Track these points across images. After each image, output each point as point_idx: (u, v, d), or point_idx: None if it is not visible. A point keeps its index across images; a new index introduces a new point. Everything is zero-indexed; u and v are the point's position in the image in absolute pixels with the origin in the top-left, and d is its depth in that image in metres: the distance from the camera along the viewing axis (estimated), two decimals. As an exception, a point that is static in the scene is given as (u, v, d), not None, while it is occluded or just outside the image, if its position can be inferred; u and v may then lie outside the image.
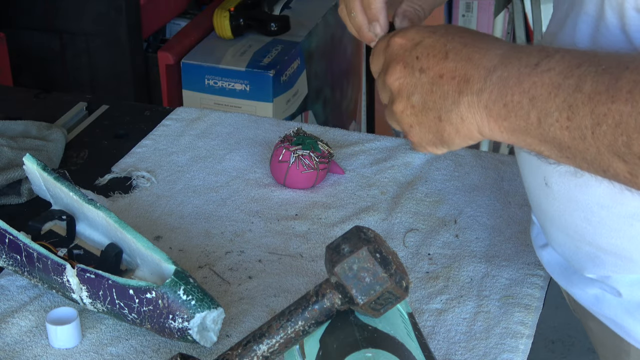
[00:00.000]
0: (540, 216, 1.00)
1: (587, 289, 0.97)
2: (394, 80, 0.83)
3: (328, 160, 1.27)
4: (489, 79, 0.78)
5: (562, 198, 0.91)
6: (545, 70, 0.75)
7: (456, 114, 0.80)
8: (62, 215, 1.09)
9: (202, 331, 0.97)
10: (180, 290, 0.96)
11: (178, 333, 0.97)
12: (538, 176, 0.94)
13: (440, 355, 0.99)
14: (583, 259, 0.95)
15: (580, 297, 0.99)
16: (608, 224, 0.89)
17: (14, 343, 1.01)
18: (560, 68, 0.74)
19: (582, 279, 0.97)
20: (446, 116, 0.81)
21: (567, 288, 1.01)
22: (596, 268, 0.94)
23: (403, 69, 0.82)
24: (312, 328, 0.82)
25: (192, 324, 0.96)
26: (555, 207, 0.93)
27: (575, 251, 0.95)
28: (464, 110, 0.79)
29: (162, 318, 0.96)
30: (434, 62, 0.81)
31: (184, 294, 0.96)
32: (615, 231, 0.89)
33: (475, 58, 0.79)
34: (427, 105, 0.81)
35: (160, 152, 1.36)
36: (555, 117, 0.74)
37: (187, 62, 2.11)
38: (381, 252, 0.79)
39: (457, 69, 0.80)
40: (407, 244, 1.17)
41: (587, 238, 0.92)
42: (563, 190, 0.91)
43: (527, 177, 0.98)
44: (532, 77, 0.75)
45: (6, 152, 1.28)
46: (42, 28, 2.10)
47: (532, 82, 0.75)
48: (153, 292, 0.96)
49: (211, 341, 0.99)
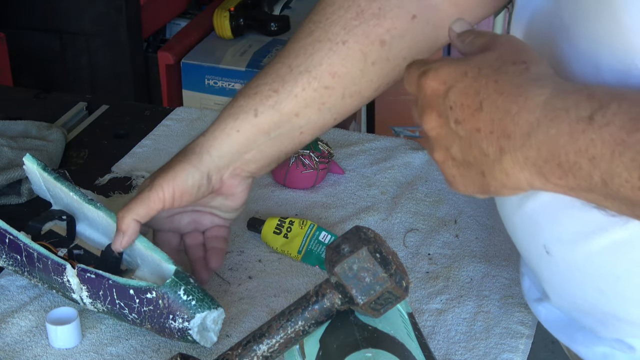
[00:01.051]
0: (538, 281, 0.91)
1: (594, 347, 0.90)
2: (431, 129, 0.76)
3: (328, 160, 1.27)
4: (533, 137, 0.70)
5: (567, 268, 0.83)
6: (603, 125, 0.67)
7: (500, 171, 0.73)
8: (62, 215, 1.09)
9: (202, 331, 0.97)
10: (181, 290, 0.96)
11: (178, 333, 0.97)
12: (537, 242, 0.85)
13: (440, 355, 0.99)
14: (594, 323, 0.87)
15: (585, 355, 0.91)
16: (626, 295, 0.81)
17: (14, 343, 1.01)
18: (621, 122, 0.66)
19: (589, 336, 0.90)
20: (489, 172, 0.73)
21: (571, 346, 0.93)
22: (610, 331, 0.86)
23: (438, 119, 0.75)
24: (312, 328, 0.82)
25: (193, 324, 0.96)
26: (559, 276, 0.85)
27: (584, 316, 0.88)
28: (508, 167, 0.72)
29: (163, 318, 0.96)
30: (468, 113, 0.73)
31: (185, 294, 0.96)
32: (636, 301, 0.81)
33: (514, 110, 0.71)
34: (467, 160, 0.74)
35: (161, 152, 1.36)
36: (625, 177, 0.66)
37: (187, 62, 2.11)
38: (381, 252, 0.79)
39: (494, 123, 0.71)
40: (407, 244, 1.17)
41: (599, 307, 0.84)
42: (568, 260, 0.82)
43: (521, 242, 0.89)
44: (588, 134, 0.67)
45: (6, 152, 1.28)
46: (42, 28, 2.10)
47: (590, 140, 0.67)
48: (153, 292, 0.96)
49: (211, 341, 0.99)
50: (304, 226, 1.15)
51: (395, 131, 3.12)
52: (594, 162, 0.67)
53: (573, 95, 0.69)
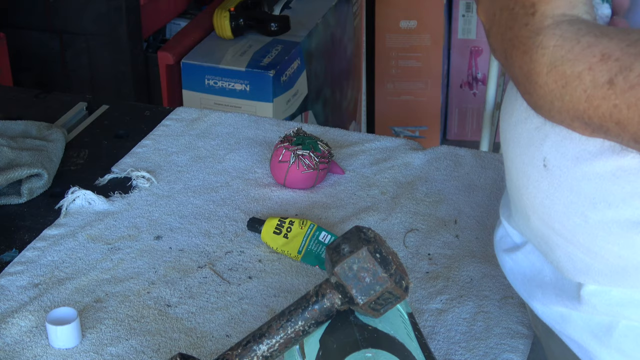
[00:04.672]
0: (522, 204, 0.88)
1: (552, 305, 0.89)
2: None
3: (328, 160, 1.27)
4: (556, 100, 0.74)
5: (560, 185, 0.81)
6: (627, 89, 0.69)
7: None
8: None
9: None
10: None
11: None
12: (536, 155, 0.83)
13: (440, 355, 0.99)
14: (565, 259, 0.85)
15: (542, 314, 0.91)
16: (610, 227, 0.79)
17: (14, 343, 1.01)
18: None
19: (548, 293, 0.89)
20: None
21: (529, 301, 0.93)
22: (578, 272, 0.85)
23: None
24: (312, 328, 0.82)
25: None
26: (548, 194, 0.83)
27: (557, 249, 0.86)
28: None
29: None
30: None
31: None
32: (617, 236, 0.79)
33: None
34: None
35: (160, 152, 1.36)
36: None
37: (187, 62, 2.11)
38: (381, 252, 0.79)
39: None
40: (407, 244, 1.17)
41: (577, 236, 0.82)
42: (565, 176, 0.81)
43: (519, 155, 0.86)
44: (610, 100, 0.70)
45: (6, 152, 1.28)
46: (42, 28, 2.10)
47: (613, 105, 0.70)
48: None
49: None
50: (304, 226, 1.15)
51: (395, 131, 3.12)
52: (621, 126, 0.68)
53: (583, 58, 0.69)
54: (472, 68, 3.10)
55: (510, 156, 0.88)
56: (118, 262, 1.14)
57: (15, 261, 1.14)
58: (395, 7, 2.92)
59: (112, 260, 1.14)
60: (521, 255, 0.94)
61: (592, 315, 0.86)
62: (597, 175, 0.78)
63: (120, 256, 1.15)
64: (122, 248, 1.16)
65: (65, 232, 1.19)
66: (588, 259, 0.83)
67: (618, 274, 0.82)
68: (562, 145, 0.80)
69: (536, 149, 0.83)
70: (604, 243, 0.81)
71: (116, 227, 1.20)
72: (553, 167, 0.81)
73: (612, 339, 0.85)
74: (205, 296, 1.08)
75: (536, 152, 0.83)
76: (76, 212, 1.23)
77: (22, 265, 1.13)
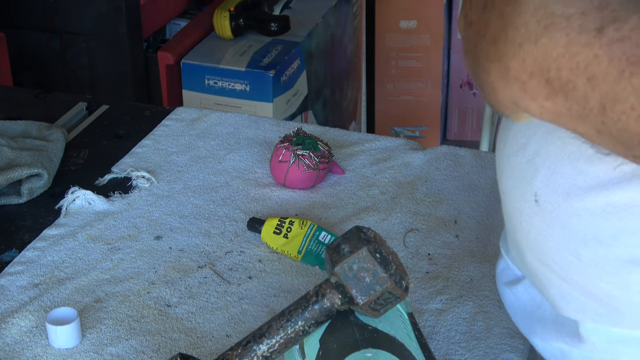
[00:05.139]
0: (516, 239, 0.85)
1: (551, 342, 0.86)
2: (460, 30, 0.73)
3: (328, 160, 1.27)
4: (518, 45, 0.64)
5: (552, 221, 0.78)
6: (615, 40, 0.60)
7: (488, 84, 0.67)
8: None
9: None
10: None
11: None
12: (527, 190, 0.80)
13: (440, 355, 0.99)
14: (559, 298, 0.82)
15: (542, 349, 0.88)
16: (602, 265, 0.76)
17: (14, 343, 1.01)
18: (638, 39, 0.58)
19: (548, 329, 0.86)
20: (482, 84, 0.68)
21: (529, 337, 0.90)
22: (572, 310, 0.82)
23: (463, 20, 0.72)
24: (312, 328, 0.82)
25: None
26: (540, 231, 0.80)
27: (552, 287, 0.82)
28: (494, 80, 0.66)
29: None
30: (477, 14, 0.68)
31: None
32: (609, 275, 0.76)
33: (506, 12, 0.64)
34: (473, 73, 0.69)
35: (160, 152, 1.36)
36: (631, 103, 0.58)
37: (187, 62, 2.11)
38: (381, 252, 0.79)
39: (488, 26, 0.66)
40: (407, 244, 1.17)
41: (571, 274, 0.79)
42: (556, 212, 0.77)
43: (511, 189, 0.83)
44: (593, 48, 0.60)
45: (6, 152, 1.28)
46: (42, 28, 2.10)
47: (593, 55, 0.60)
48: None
49: None
50: (304, 226, 1.15)
51: (395, 131, 3.12)
52: (594, 83, 0.60)
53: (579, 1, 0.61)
54: (472, 68, 3.10)
55: (504, 189, 0.85)
56: (118, 262, 1.14)
57: (15, 261, 1.14)
58: (395, 7, 2.93)
59: (112, 260, 1.14)
60: (521, 288, 0.91)
61: (592, 354, 0.83)
62: (588, 212, 0.75)
63: (120, 256, 1.15)
64: (122, 248, 1.16)
65: (65, 232, 1.19)
66: (583, 298, 0.80)
67: (613, 314, 0.79)
68: (552, 180, 0.77)
69: (527, 184, 0.80)
70: (597, 282, 0.77)
71: (116, 227, 1.20)
72: (544, 202, 0.78)
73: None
74: (205, 296, 1.08)
75: (527, 187, 0.80)
76: (76, 212, 1.23)
77: (22, 265, 1.13)
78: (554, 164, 0.77)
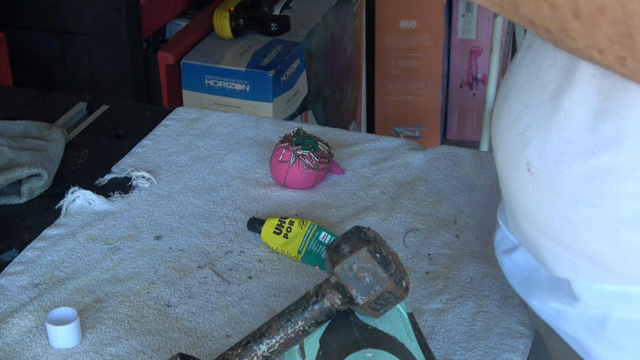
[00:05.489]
0: (512, 208, 0.91)
1: (548, 302, 0.91)
2: None
3: (328, 160, 1.27)
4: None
5: (543, 187, 0.83)
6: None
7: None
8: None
9: None
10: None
11: None
12: (520, 160, 0.85)
13: (440, 355, 0.99)
14: (552, 260, 0.87)
15: (540, 310, 0.93)
16: (591, 226, 0.81)
17: (14, 343, 1.01)
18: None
19: (544, 290, 0.91)
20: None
21: (527, 299, 0.95)
22: (565, 270, 0.86)
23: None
24: (312, 328, 0.82)
25: None
26: (533, 197, 0.85)
27: (544, 250, 0.88)
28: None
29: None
30: None
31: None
32: (598, 235, 0.81)
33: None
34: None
35: (160, 152, 1.36)
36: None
37: (187, 62, 2.11)
38: (381, 252, 0.79)
39: None
40: (407, 244, 1.17)
41: (562, 237, 0.84)
42: (547, 179, 0.83)
43: (506, 161, 0.88)
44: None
45: (6, 152, 1.28)
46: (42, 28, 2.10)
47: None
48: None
49: None
50: (304, 226, 1.15)
51: (395, 131, 3.12)
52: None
53: None
54: (472, 68, 3.11)
55: (499, 162, 0.90)
56: (118, 262, 1.14)
57: (15, 261, 1.14)
58: (395, 7, 2.92)
59: (112, 260, 1.14)
60: (518, 254, 0.96)
61: (586, 310, 0.87)
62: (576, 177, 0.80)
63: (120, 256, 1.15)
64: (122, 248, 1.16)
65: (65, 232, 1.19)
66: (574, 258, 0.85)
67: (603, 271, 0.84)
68: (543, 150, 0.82)
69: (520, 154, 0.85)
70: (587, 242, 0.83)
71: (116, 227, 1.20)
72: (536, 170, 0.83)
73: (606, 333, 0.86)
74: (205, 296, 1.08)
75: (520, 157, 0.85)
76: (76, 212, 1.23)
77: (22, 265, 1.13)
78: (544, 135, 0.82)
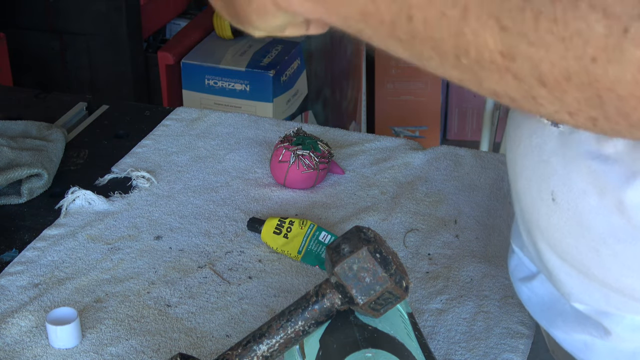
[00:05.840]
0: (534, 237, 0.86)
1: (574, 334, 0.86)
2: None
3: (328, 160, 1.27)
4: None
5: (570, 219, 0.78)
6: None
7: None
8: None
9: None
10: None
11: None
12: (543, 188, 0.80)
13: (440, 355, 0.99)
14: (579, 289, 0.83)
15: (564, 342, 0.88)
16: (622, 261, 0.77)
17: (14, 343, 1.01)
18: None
19: (569, 322, 0.86)
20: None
21: (550, 330, 0.90)
22: (591, 300, 0.83)
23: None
24: (312, 328, 0.82)
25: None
26: (558, 228, 0.80)
27: (571, 279, 0.83)
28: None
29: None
30: None
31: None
32: (630, 270, 0.77)
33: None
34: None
35: (160, 152, 1.36)
36: None
37: (187, 62, 2.11)
38: (381, 252, 0.79)
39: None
40: (407, 244, 1.17)
41: (592, 270, 0.80)
42: (573, 210, 0.78)
43: (527, 190, 0.83)
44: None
45: (6, 152, 1.28)
46: (42, 28, 2.10)
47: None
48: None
49: None
50: (304, 226, 1.15)
51: (395, 131, 3.12)
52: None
53: None
54: (472, 68, 3.10)
55: (520, 188, 0.85)
56: (118, 262, 1.14)
57: (15, 261, 1.14)
58: (395, 7, 2.92)
59: (112, 260, 1.14)
60: (537, 283, 0.91)
61: (617, 344, 0.83)
62: (604, 210, 0.76)
63: (120, 256, 1.15)
64: (122, 248, 1.16)
65: (65, 232, 1.19)
66: (605, 290, 0.81)
67: (637, 303, 0.80)
68: (568, 179, 0.78)
69: (544, 182, 0.80)
70: (619, 276, 0.78)
71: (116, 227, 1.20)
72: (561, 201, 0.78)
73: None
74: (205, 296, 1.08)
75: (544, 185, 0.80)
76: (76, 212, 1.23)
77: (22, 265, 1.13)
78: (570, 164, 0.77)
